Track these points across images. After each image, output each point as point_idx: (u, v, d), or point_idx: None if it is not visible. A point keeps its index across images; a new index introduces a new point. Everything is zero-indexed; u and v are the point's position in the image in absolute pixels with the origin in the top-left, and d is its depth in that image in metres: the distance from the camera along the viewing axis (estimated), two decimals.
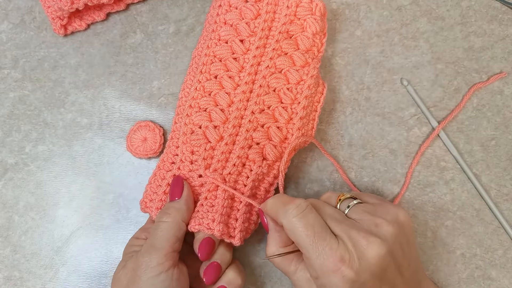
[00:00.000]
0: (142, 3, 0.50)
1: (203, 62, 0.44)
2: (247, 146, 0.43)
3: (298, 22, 0.45)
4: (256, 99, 0.43)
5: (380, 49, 0.49)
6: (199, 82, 0.44)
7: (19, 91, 0.49)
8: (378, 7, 0.50)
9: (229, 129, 0.42)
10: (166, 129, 0.48)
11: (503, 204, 0.47)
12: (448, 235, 0.47)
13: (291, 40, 0.45)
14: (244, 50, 0.44)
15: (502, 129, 0.48)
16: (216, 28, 0.45)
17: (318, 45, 0.46)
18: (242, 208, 0.42)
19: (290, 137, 0.43)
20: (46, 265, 0.47)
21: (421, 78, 0.49)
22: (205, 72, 0.44)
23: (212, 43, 0.45)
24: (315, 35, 0.45)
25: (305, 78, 0.44)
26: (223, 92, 0.43)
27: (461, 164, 0.48)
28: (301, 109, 0.43)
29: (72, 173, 0.48)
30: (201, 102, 0.43)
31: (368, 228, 0.36)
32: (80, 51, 0.49)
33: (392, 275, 0.36)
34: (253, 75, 0.44)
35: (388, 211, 0.37)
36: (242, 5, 0.45)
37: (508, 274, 0.46)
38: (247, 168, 0.43)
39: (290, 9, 0.44)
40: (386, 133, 0.48)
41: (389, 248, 0.35)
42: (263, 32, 0.44)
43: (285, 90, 0.44)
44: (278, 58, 0.44)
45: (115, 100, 0.49)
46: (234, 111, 0.43)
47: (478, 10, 0.50)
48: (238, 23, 0.45)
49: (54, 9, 0.46)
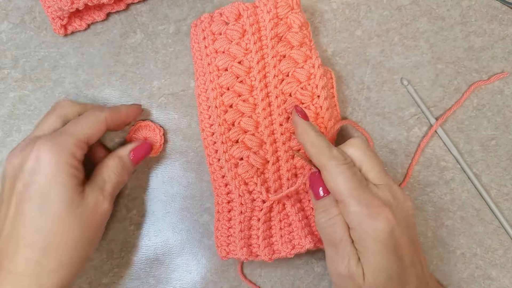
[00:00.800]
0: (142, 3, 0.50)
1: (213, 97, 0.44)
2: (290, 157, 0.44)
3: (282, 22, 0.45)
4: (278, 111, 0.44)
5: (380, 49, 0.49)
6: (219, 117, 0.44)
7: (19, 91, 0.49)
8: (378, 7, 0.50)
9: (269, 150, 0.43)
10: (166, 129, 0.48)
11: (503, 204, 0.47)
12: (448, 235, 0.47)
13: (284, 41, 0.45)
14: (247, 70, 0.44)
15: (502, 129, 0.48)
16: (210, 61, 0.45)
17: (308, 35, 0.45)
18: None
19: (324, 130, 0.44)
20: None
21: (421, 78, 0.49)
22: (220, 106, 0.44)
23: (213, 76, 0.44)
24: (301, 27, 0.45)
25: (313, 71, 0.44)
26: (246, 118, 0.44)
27: (461, 164, 0.48)
28: (323, 101, 0.44)
29: None
30: (230, 135, 0.44)
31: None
32: (80, 51, 0.49)
33: (415, 237, 0.38)
34: (264, 89, 0.44)
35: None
36: (225, 29, 0.44)
37: (508, 274, 0.46)
38: (300, 176, 0.44)
39: (271, 13, 0.44)
40: (386, 133, 0.48)
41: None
42: (256, 45, 0.44)
43: (300, 90, 0.44)
44: (280, 63, 0.44)
45: (115, 100, 0.49)
46: (264, 130, 0.44)
47: (478, 10, 0.50)
48: (230, 47, 0.44)
49: (54, 9, 0.46)
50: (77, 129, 0.40)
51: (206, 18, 0.45)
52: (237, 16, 0.44)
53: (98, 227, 0.41)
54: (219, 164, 0.45)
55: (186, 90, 0.49)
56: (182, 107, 0.48)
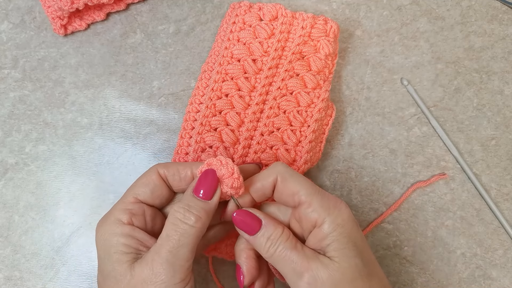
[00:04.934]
0: (142, 3, 0.50)
1: (215, 79, 0.44)
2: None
3: (311, 43, 0.45)
4: (265, 121, 0.44)
5: (380, 49, 0.49)
6: (210, 99, 0.44)
7: (19, 91, 0.49)
8: (378, 7, 0.50)
9: (239, 151, 0.43)
10: (166, 129, 0.48)
11: (503, 204, 0.47)
12: (448, 235, 0.47)
13: (304, 61, 0.45)
14: (257, 70, 0.44)
15: (502, 129, 0.48)
16: (229, 46, 0.45)
17: (330, 66, 0.46)
18: None
19: (299, 159, 0.44)
20: (47, 265, 0.47)
21: (421, 78, 0.49)
22: (216, 90, 0.44)
23: (224, 60, 0.45)
24: (328, 56, 0.45)
25: (316, 101, 0.44)
26: (233, 112, 0.44)
27: (461, 164, 0.48)
28: (311, 133, 0.44)
29: (72, 173, 0.48)
30: (212, 121, 0.44)
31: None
32: (80, 51, 0.49)
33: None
34: (264, 95, 0.44)
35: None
36: (256, 24, 0.44)
37: (508, 274, 0.46)
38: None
39: (305, 30, 0.44)
40: (386, 133, 0.48)
41: None
42: (276, 52, 0.44)
43: (295, 113, 0.44)
44: (290, 79, 0.44)
45: (115, 100, 0.49)
46: (244, 132, 0.43)
47: (478, 9, 0.50)
48: (252, 42, 0.44)
49: (54, 9, 0.46)
50: (126, 192, 0.36)
51: (245, 5, 0.45)
52: (273, 17, 0.44)
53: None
54: (188, 141, 0.44)
55: (186, 90, 0.49)
56: (182, 107, 0.48)
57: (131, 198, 0.36)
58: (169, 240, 0.33)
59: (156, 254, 0.32)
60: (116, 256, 0.33)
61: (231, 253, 0.43)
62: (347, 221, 0.35)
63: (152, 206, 0.37)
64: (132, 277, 0.32)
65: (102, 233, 0.34)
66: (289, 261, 0.34)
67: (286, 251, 0.34)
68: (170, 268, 0.32)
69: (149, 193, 0.36)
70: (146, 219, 0.36)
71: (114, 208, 0.36)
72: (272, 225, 0.35)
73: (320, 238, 0.35)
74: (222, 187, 0.36)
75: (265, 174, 0.37)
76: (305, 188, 0.35)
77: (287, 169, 0.36)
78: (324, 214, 0.35)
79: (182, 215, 0.33)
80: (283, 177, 0.36)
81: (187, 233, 0.33)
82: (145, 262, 0.33)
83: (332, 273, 0.33)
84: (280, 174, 0.36)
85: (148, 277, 0.32)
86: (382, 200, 0.47)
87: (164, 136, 0.48)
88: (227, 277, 0.46)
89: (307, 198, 0.35)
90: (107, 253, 0.34)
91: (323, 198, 0.35)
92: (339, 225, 0.34)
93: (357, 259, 0.34)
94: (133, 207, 0.35)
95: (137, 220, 0.35)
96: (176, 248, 0.33)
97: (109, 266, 0.33)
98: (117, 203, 0.36)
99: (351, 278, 0.33)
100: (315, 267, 0.33)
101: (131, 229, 0.34)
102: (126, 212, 0.35)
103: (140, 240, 0.34)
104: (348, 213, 0.35)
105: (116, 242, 0.34)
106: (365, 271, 0.34)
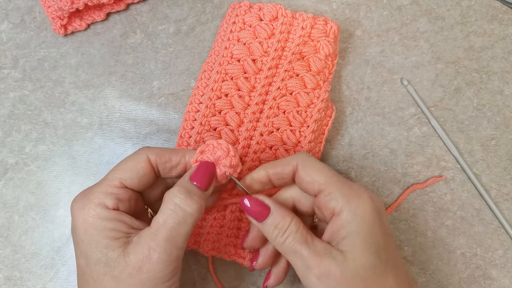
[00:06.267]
0: (142, 3, 0.50)
1: (215, 79, 0.44)
2: (254, 167, 0.43)
3: (311, 43, 0.45)
4: (265, 121, 0.44)
5: (380, 49, 0.49)
6: (210, 99, 0.44)
7: (19, 91, 0.49)
8: (378, 7, 0.50)
9: (239, 151, 0.43)
10: (166, 129, 0.48)
11: (503, 204, 0.47)
12: (448, 235, 0.47)
13: (303, 61, 0.45)
14: (256, 70, 0.44)
15: (502, 129, 0.48)
16: (229, 46, 0.45)
17: (329, 67, 0.46)
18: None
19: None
20: (47, 265, 0.47)
21: (421, 78, 0.49)
22: (216, 90, 0.44)
23: (224, 60, 0.45)
24: (328, 56, 0.45)
25: (315, 101, 0.44)
26: (233, 112, 0.44)
27: (461, 164, 0.48)
28: (310, 133, 0.44)
29: (72, 173, 0.48)
30: (212, 121, 0.44)
31: None
32: (80, 51, 0.49)
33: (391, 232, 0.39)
34: (263, 95, 0.44)
35: None
36: (256, 24, 0.45)
37: (508, 274, 0.46)
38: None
39: (305, 30, 0.44)
40: (386, 133, 0.48)
41: None
42: (276, 53, 0.44)
43: (295, 113, 0.44)
44: (290, 80, 0.44)
45: (115, 100, 0.49)
46: (243, 132, 0.43)
47: (478, 9, 0.50)
48: (252, 42, 0.44)
49: (54, 9, 0.46)
50: (110, 173, 0.35)
51: (245, 5, 0.45)
52: (273, 17, 0.44)
53: (152, 287, 0.32)
54: (188, 141, 0.44)
55: (186, 90, 0.49)
56: (182, 107, 0.48)
57: (117, 182, 0.34)
58: (167, 228, 0.32)
59: (153, 242, 0.32)
60: (106, 241, 0.32)
61: (230, 253, 0.43)
62: (369, 212, 0.34)
63: (135, 191, 0.37)
64: (127, 265, 0.32)
65: (85, 217, 0.33)
66: (298, 255, 0.34)
67: (295, 244, 0.34)
68: (168, 257, 0.32)
69: (136, 181, 0.35)
70: (130, 203, 0.36)
71: (96, 190, 0.34)
72: (280, 214, 0.35)
73: (337, 228, 0.34)
74: (220, 168, 0.36)
75: (287, 159, 0.37)
76: (324, 175, 0.35)
77: (309, 157, 0.37)
78: (342, 202, 0.34)
79: (183, 200, 0.33)
80: (304, 164, 0.36)
81: (185, 222, 0.33)
82: (141, 250, 0.32)
83: (345, 271, 0.32)
84: (301, 161, 0.36)
85: (145, 266, 0.32)
86: (382, 200, 0.47)
87: (164, 136, 0.48)
88: (227, 277, 0.46)
89: (327, 186, 0.35)
90: (94, 238, 0.32)
91: (343, 186, 0.35)
92: (358, 215, 0.34)
93: (373, 257, 0.33)
94: (119, 192, 0.34)
95: (122, 206, 0.34)
96: (174, 237, 0.32)
97: (98, 251, 0.32)
98: (100, 185, 0.34)
99: (364, 276, 0.33)
100: (328, 263, 0.33)
101: (118, 214, 0.34)
102: (112, 197, 0.34)
103: (129, 224, 0.34)
104: (370, 204, 0.34)
105: (103, 227, 0.33)
106: (380, 269, 0.33)
